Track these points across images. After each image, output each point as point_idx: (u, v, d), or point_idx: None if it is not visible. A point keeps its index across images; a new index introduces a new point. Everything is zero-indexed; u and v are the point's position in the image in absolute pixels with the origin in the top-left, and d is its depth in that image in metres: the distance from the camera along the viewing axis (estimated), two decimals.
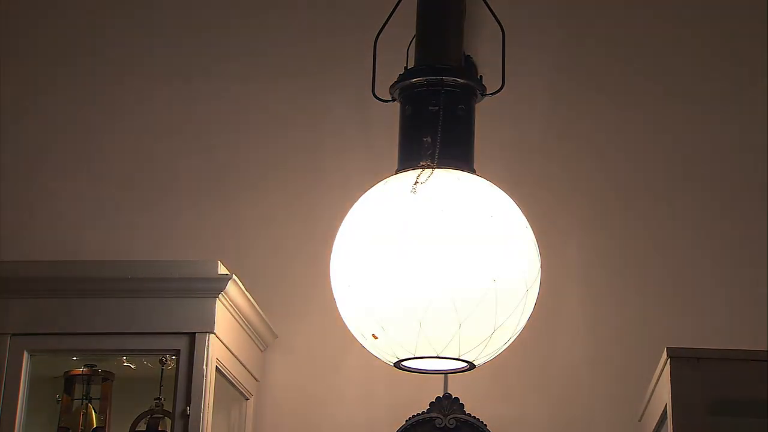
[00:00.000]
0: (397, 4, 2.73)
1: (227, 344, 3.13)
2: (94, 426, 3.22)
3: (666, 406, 2.78)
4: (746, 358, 2.79)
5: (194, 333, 3.02)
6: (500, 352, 2.61)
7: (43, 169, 3.68)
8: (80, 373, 3.25)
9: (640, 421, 3.19)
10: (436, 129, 2.59)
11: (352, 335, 2.62)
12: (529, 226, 2.60)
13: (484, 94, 2.70)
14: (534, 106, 3.60)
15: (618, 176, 3.57)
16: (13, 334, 3.05)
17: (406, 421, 3.21)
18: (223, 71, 3.72)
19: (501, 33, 2.70)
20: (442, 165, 2.56)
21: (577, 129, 3.61)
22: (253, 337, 3.35)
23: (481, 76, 2.69)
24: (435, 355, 2.52)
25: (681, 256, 3.49)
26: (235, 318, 3.18)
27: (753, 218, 3.47)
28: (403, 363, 2.60)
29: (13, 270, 3.11)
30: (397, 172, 2.62)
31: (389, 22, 2.73)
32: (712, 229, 3.50)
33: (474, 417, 3.20)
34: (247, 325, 3.28)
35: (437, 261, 2.47)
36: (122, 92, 3.72)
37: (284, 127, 3.67)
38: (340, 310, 2.61)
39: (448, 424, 3.18)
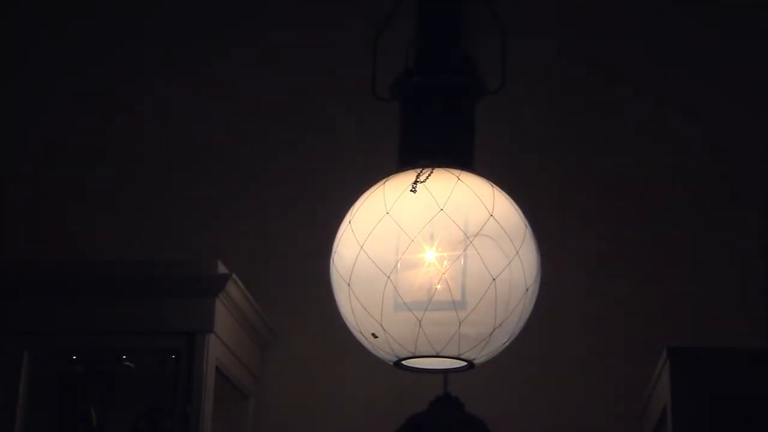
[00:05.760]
0: (398, 3, 2.73)
1: (227, 344, 3.13)
2: (94, 426, 3.22)
3: (666, 405, 2.78)
4: (746, 356, 2.80)
5: (194, 333, 3.02)
6: (500, 351, 2.61)
7: (44, 169, 3.68)
8: (80, 372, 3.25)
9: (640, 420, 3.19)
10: (436, 128, 2.60)
11: (352, 335, 2.62)
12: (528, 225, 2.60)
13: (484, 94, 2.69)
14: (534, 104, 3.60)
15: (618, 175, 3.57)
16: (13, 334, 3.05)
17: (406, 421, 3.20)
18: (220, 70, 3.72)
19: (501, 31, 2.69)
20: (442, 164, 2.56)
21: (577, 127, 3.61)
22: (252, 337, 3.35)
23: (481, 75, 2.69)
24: (435, 354, 2.52)
25: (681, 255, 3.48)
26: (234, 318, 3.18)
27: (751, 217, 3.47)
28: (403, 362, 2.59)
29: (13, 270, 3.11)
30: (397, 171, 2.62)
31: (390, 20, 2.73)
32: (712, 228, 3.50)
33: (474, 417, 3.19)
34: (247, 325, 3.28)
35: (437, 260, 2.47)
36: (121, 92, 3.73)
37: (284, 126, 3.67)
38: (340, 310, 2.60)
39: (447, 424, 3.17)
